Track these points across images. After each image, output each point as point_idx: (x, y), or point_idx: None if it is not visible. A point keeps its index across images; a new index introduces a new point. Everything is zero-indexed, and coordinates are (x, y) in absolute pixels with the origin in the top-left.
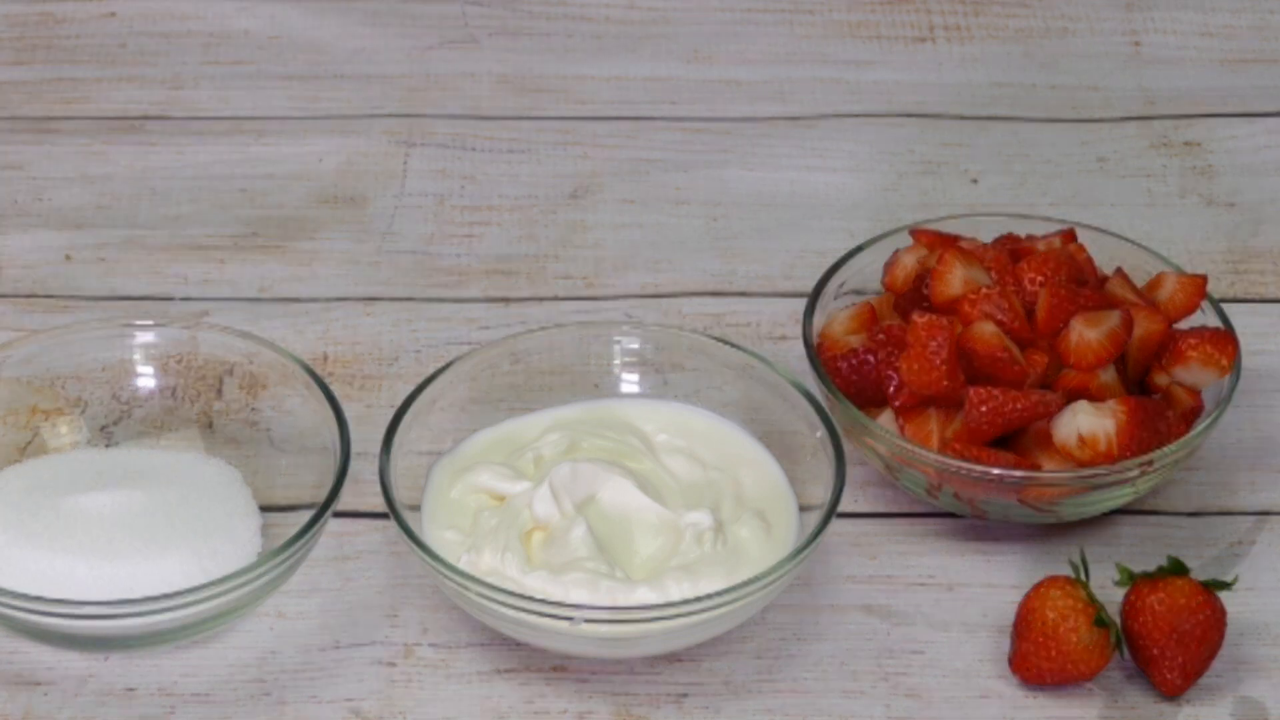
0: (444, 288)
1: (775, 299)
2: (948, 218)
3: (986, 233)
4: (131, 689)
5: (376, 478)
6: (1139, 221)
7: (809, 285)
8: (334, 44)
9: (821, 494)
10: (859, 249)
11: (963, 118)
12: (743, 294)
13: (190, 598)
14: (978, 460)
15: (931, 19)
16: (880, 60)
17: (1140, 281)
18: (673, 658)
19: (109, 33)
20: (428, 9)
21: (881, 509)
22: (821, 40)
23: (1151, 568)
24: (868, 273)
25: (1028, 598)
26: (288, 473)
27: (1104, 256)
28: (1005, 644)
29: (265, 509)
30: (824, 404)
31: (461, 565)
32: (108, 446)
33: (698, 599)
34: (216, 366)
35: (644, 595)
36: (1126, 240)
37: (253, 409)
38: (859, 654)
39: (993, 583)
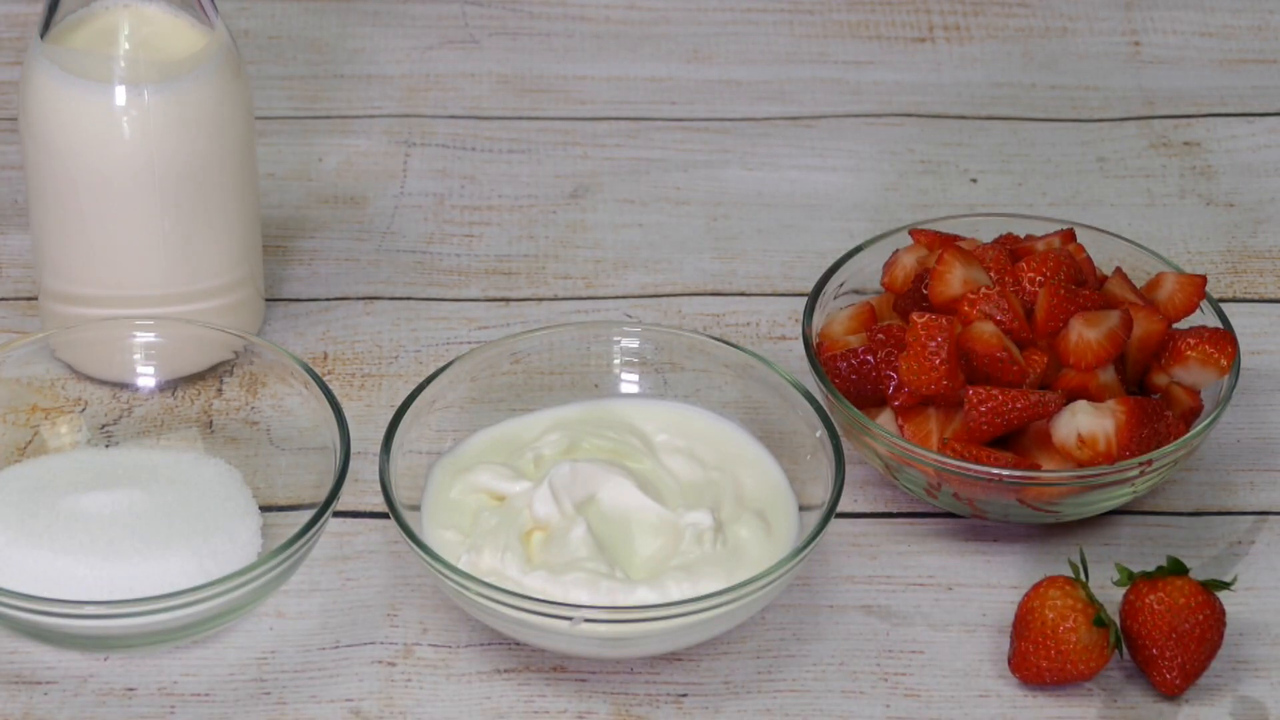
0: (444, 287)
1: (775, 299)
2: (947, 218)
3: (986, 233)
4: (131, 689)
5: (376, 478)
6: (1138, 221)
7: (809, 285)
8: (334, 44)
9: (821, 494)
10: (859, 249)
11: (962, 118)
12: (742, 294)
13: (190, 598)
14: (977, 460)
15: (931, 19)
16: (880, 60)
17: (1140, 281)
18: (673, 658)
19: None
20: (428, 9)
21: (881, 509)
22: (821, 40)
23: (1151, 568)
24: (867, 273)
25: (1027, 598)
26: (288, 473)
27: (1103, 256)
28: (1005, 644)
29: (265, 509)
30: (823, 404)
31: (461, 565)
32: (108, 446)
33: (697, 599)
34: (217, 366)
35: (644, 595)
36: (1126, 240)
37: (252, 408)
38: (858, 654)
39: (992, 583)
